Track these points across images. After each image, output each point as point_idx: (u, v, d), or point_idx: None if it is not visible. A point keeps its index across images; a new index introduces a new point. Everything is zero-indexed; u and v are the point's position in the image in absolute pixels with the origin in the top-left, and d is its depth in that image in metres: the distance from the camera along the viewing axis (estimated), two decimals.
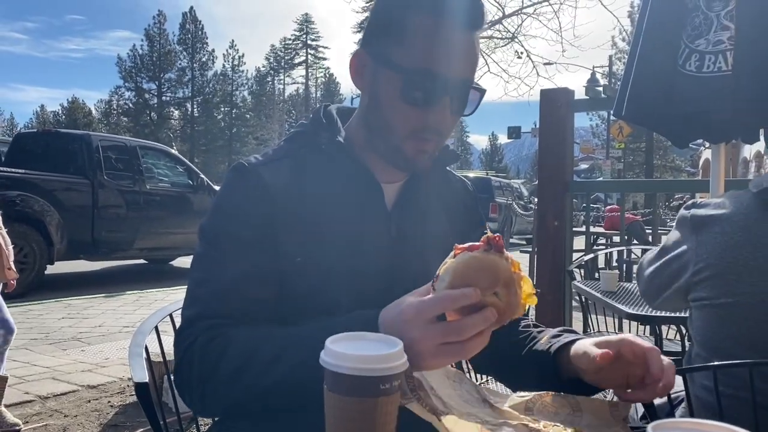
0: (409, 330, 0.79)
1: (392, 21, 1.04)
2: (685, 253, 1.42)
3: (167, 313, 1.55)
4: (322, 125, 1.14)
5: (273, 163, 1.09)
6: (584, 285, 2.85)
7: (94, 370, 4.23)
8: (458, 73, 1.02)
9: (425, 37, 1.00)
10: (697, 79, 2.14)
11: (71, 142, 8.72)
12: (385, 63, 1.04)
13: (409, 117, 1.03)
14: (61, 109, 68.95)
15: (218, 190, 1.12)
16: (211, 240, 1.05)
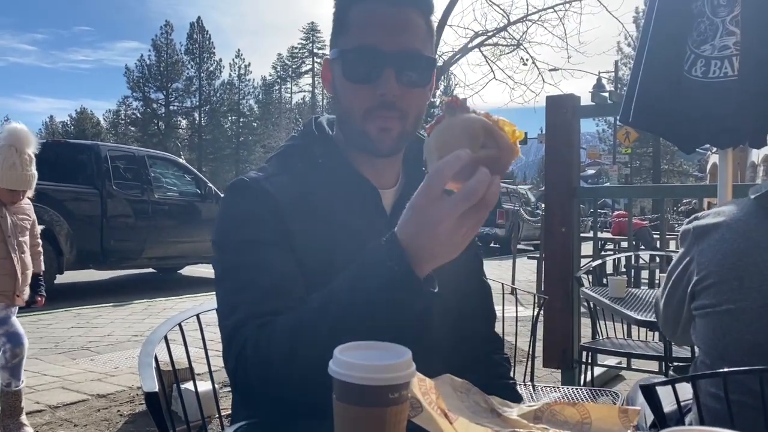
0: (427, 217, 0.80)
1: (339, 19, 1.11)
2: (689, 264, 1.42)
3: (176, 323, 1.56)
4: (314, 138, 1.16)
5: (272, 178, 1.10)
6: (592, 291, 2.84)
7: (103, 379, 4.24)
8: (396, 45, 1.05)
9: (361, 19, 1.07)
10: (703, 84, 2.14)
11: (80, 152, 8.78)
12: (336, 55, 1.10)
13: (359, 95, 1.07)
14: (70, 119, 69.35)
15: (221, 207, 1.12)
16: (232, 250, 1.05)
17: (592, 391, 2.44)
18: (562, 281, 3.68)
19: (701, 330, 1.41)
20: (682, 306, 1.46)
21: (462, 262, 0.87)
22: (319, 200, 1.09)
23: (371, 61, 1.05)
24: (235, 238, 1.06)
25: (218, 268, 1.07)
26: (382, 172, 1.17)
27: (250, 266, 1.02)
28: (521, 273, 9.82)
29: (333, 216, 1.08)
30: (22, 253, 3.35)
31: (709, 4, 2.12)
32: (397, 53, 1.05)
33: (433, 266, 0.86)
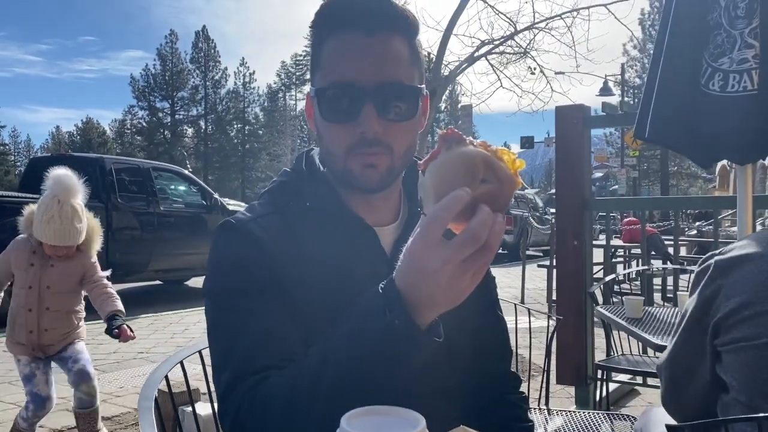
0: (426, 265, 0.73)
1: (314, 54, 1.06)
2: (711, 298, 1.34)
3: (177, 361, 1.50)
4: (303, 176, 1.11)
5: (262, 219, 1.04)
6: (608, 311, 2.76)
7: (108, 400, 4.18)
8: (376, 77, 0.98)
9: (335, 53, 1.01)
10: (721, 99, 2.07)
11: (85, 165, 8.71)
12: (314, 93, 1.04)
13: (338, 134, 1.01)
14: (76, 129, 69.72)
15: (210, 251, 1.06)
16: (222, 300, 1.00)
17: (608, 415, 2.36)
18: (575, 296, 3.59)
19: (734, 365, 1.32)
20: (703, 344, 1.38)
21: (473, 296, 0.80)
22: (310, 242, 1.02)
23: (348, 98, 0.98)
24: (222, 286, 1.01)
25: (208, 319, 1.01)
26: (378, 208, 1.10)
27: (240, 318, 0.96)
28: (531, 281, 9.73)
29: (326, 258, 1.01)
30: (47, 308, 3.16)
31: (726, 16, 2.05)
32: (377, 87, 0.98)
33: (437, 314, 0.79)
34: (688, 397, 1.46)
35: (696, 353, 1.38)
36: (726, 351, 1.32)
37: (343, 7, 1.01)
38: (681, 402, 1.50)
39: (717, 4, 2.07)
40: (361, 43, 0.98)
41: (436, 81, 5.87)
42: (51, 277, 3.14)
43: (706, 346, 1.35)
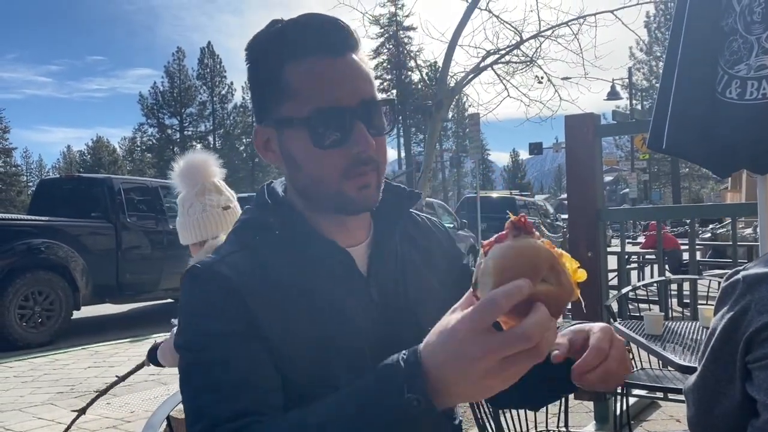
0: (465, 350, 0.66)
1: (273, 82, 1.00)
2: (742, 313, 1.28)
3: (178, 402, 1.44)
4: (268, 208, 1.07)
5: (228, 257, 1.00)
6: (626, 327, 2.66)
7: (119, 426, 4.13)
8: (357, 95, 0.97)
9: (306, 79, 0.97)
10: (739, 107, 1.99)
11: (93, 186, 8.78)
12: (285, 123, 1.00)
13: (333, 160, 0.98)
14: (87, 148, 70.20)
15: (181, 299, 1.02)
16: (194, 347, 0.94)
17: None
18: (590, 310, 3.50)
19: (766, 383, 1.26)
20: (734, 361, 1.32)
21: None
22: (283, 274, 0.98)
23: (340, 121, 0.96)
24: (191, 334, 0.96)
25: (180, 369, 0.96)
26: (351, 229, 1.07)
27: (210, 364, 0.91)
28: None
29: (301, 287, 0.98)
30: None
31: (741, 22, 1.97)
32: (360, 104, 0.97)
33: (451, 404, 0.71)
34: (718, 419, 1.40)
35: (726, 372, 1.32)
36: (759, 367, 1.26)
37: (301, 32, 0.99)
38: (710, 426, 1.43)
39: (732, 9, 2.00)
40: (333, 66, 0.97)
41: (442, 93, 5.82)
42: None
43: (736, 362, 1.30)
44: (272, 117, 1.02)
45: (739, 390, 1.32)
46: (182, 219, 2.49)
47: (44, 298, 7.44)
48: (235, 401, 0.87)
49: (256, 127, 1.06)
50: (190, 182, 2.47)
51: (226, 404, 0.87)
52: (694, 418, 1.48)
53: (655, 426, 3.86)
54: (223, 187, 2.54)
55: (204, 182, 2.48)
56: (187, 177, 2.48)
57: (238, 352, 0.91)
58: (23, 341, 7.13)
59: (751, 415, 1.33)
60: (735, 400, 1.34)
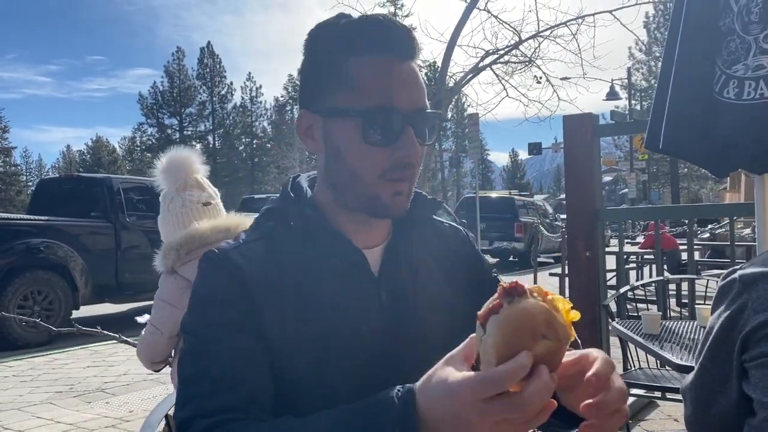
0: (467, 413, 0.69)
1: (334, 71, 1.01)
2: (738, 312, 1.29)
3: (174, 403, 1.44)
4: (290, 200, 1.08)
5: (244, 246, 1.03)
6: (624, 327, 2.67)
7: (117, 425, 4.13)
8: (413, 102, 1.00)
9: (371, 75, 0.98)
10: (736, 107, 2.00)
11: (93, 185, 8.77)
12: (337, 113, 1.00)
13: (376, 159, 0.99)
14: (86, 148, 70.17)
15: (194, 281, 1.05)
16: (194, 333, 0.98)
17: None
18: (589, 310, 3.51)
19: (763, 381, 1.25)
20: (730, 360, 1.32)
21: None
22: (293, 268, 1.01)
23: (393, 123, 0.98)
24: (194, 319, 0.99)
25: (181, 350, 0.99)
26: (373, 230, 1.08)
27: (206, 354, 0.94)
28: None
29: (309, 284, 1.00)
30: None
31: (739, 22, 1.98)
32: (414, 111, 1.00)
33: None
34: (715, 419, 1.41)
35: (723, 371, 1.33)
36: (755, 366, 1.26)
37: (374, 30, 1.00)
38: (707, 425, 1.44)
39: (729, 10, 2.00)
40: (397, 69, 0.99)
41: (440, 92, 5.82)
42: None
43: (733, 361, 1.30)
44: (324, 105, 1.02)
45: (736, 389, 1.33)
46: (162, 215, 2.43)
47: (43, 297, 7.44)
48: (219, 396, 0.89)
49: (301, 112, 1.06)
50: (173, 178, 2.43)
51: (210, 398, 0.90)
52: (692, 416, 1.49)
53: (653, 425, 3.86)
54: (205, 184, 2.52)
55: (186, 178, 2.44)
56: (170, 173, 2.44)
57: (233, 346, 0.93)
58: (22, 341, 7.13)
59: (747, 414, 1.33)
60: (732, 399, 1.35)
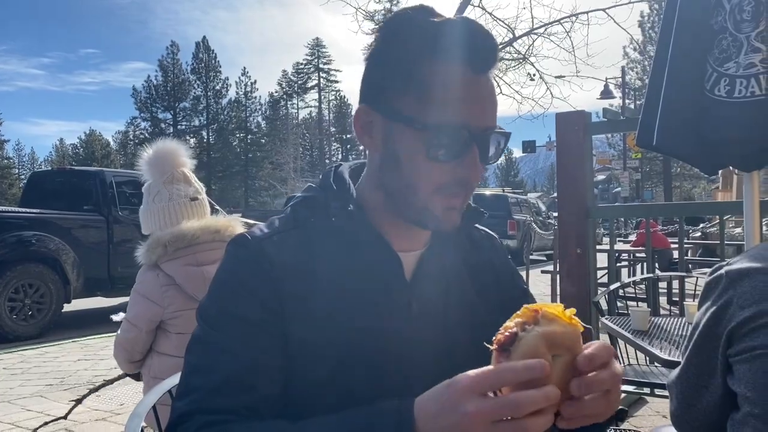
0: (461, 403, 0.70)
1: (404, 71, 0.93)
2: (724, 307, 1.31)
3: (166, 390, 1.45)
4: (332, 192, 1.02)
5: (278, 236, 0.99)
6: (613, 323, 2.68)
7: (108, 418, 4.12)
8: (484, 120, 0.93)
9: (446, 85, 0.91)
10: (727, 104, 2.01)
11: (85, 179, 8.73)
12: (401, 120, 0.93)
13: (436, 174, 0.93)
14: (79, 141, 69.89)
15: (221, 264, 1.00)
16: (211, 321, 0.94)
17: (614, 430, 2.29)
18: (579, 306, 3.52)
19: (748, 375, 1.27)
20: (715, 355, 1.34)
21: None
22: (326, 265, 0.97)
23: (460, 141, 0.92)
24: (216, 306, 0.95)
25: (194, 333, 0.96)
26: (415, 236, 1.04)
27: (220, 347, 0.91)
28: (535, 286, 9.65)
29: (341, 283, 0.96)
30: None
31: (731, 20, 1.99)
32: (484, 131, 0.93)
33: None
34: (699, 412, 1.43)
35: (708, 366, 1.35)
36: (740, 361, 1.28)
37: (457, 35, 0.92)
38: (692, 418, 1.46)
39: (721, 8, 2.01)
40: (472, 82, 0.92)
41: None
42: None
43: (718, 357, 1.32)
44: (389, 106, 0.95)
45: (721, 384, 1.34)
46: (146, 207, 2.40)
47: (35, 290, 7.41)
48: (225, 396, 0.87)
49: (361, 106, 0.99)
50: (159, 170, 2.39)
51: (215, 395, 0.87)
52: (677, 411, 1.51)
53: (642, 422, 3.89)
54: (192, 178, 2.48)
55: (173, 171, 2.40)
56: (156, 165, 2.39)
57: (250, 345, 0.91)
58: (13, 334, 7.11)
59: (731, 409, 1.35)
60: (716, 394, 1.36)
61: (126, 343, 2.35)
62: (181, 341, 2.25)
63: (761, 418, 1.25)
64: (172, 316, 2.31)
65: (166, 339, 2.34)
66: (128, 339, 2.35)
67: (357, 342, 0.93)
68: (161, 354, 2.35)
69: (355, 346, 0.93)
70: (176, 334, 2.31)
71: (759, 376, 1.25)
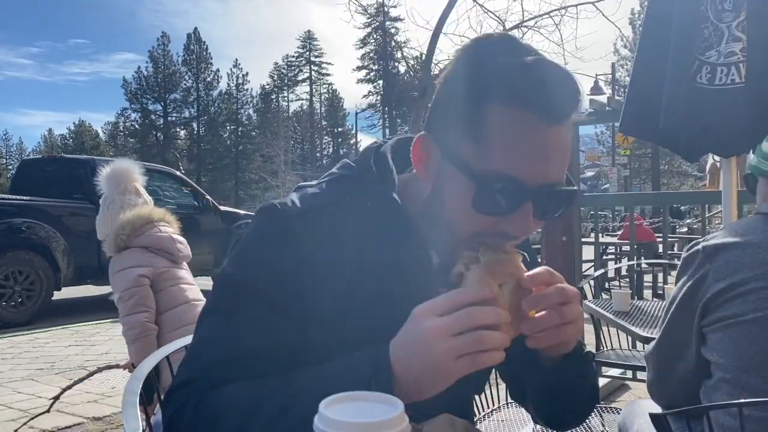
0: (421, 322, 0.77)
1: (468, 109, 0.85)
2: (700, 281, 1.39)
3: (164, 355, 1.49)
4: (371, 174, 0.98)
5: (310, 214, 0.95)
6: (595, 305, 2.76)
7: (100, 400, 4.16)
8: (545, 176, 0.84)
9: (506, 133, 0.82)
10: (708, 92, 2.08)
11: (76, 167, 8.72)
12: (455, 161, 0.86)
13: (479, 223, 0.87)
14: (69, 132, 69.42)
15: (247, 231, 0.98)
16: (230, 292, 0.93)
17: (597, 408, 2.36)
18: None
19: (721, 344, 1.36)
20: (690, 326, 1.42)
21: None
22: (355, 246, 0.94)
23: (511, 197, 0.84)
24: (238, 279, 0.93)
25: (211, 300, 0.95)
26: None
27: (234, 320, 0.91)
28: None
29: (365, 267, 0.93)
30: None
31: (713, 9, 2.06)
32: (541, 186, 0.84)
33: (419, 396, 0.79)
34: (675, 381, 1.50)
35: (683, 336, 1.43)
36: (713, 330, 1.36)
37: (531, 79, 0.81)
38: (667, 387, 1.54)
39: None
40: (540, 135, 0.82)
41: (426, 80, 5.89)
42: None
43: (693, 328, 1.40)
44: (447, 142, 0.88)
45: (695, 353, 1.43)
46: (102, 214, 2.84)
47: (25, 277, 7.41)
48: (226, 371, 0.88)
49: (423, 134, 0.92)
50: (115, 183, 2.84)
51: (222, 368, 0.88)
52: (654, 381, 1.58)
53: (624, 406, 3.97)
54: (142, 191, 2.93)
55: (127, 184, 2.85)
56: (113, 179, 2.85)
57: (262, 324, 0.90)
58: (3, 320, 7.12)
59: (704, 377, 1.43)
60: (690, 363, 1.44)
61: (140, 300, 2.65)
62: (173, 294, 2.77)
63: (732, 382, 1.33)
64: (160, 272, 2.74)
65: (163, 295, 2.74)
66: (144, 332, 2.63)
67: (378, 333, 0.86)
68: (161, 313, 2.71)
69: (375, 337, 0.86)
70: (169, 288, 2.76)
71: (730, 344, 1.34)
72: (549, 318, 0.83)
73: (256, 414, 0.82)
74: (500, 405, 2.23)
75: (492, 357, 0.77)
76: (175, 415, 0.87)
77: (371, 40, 60.63)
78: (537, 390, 1.06)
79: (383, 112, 62.75)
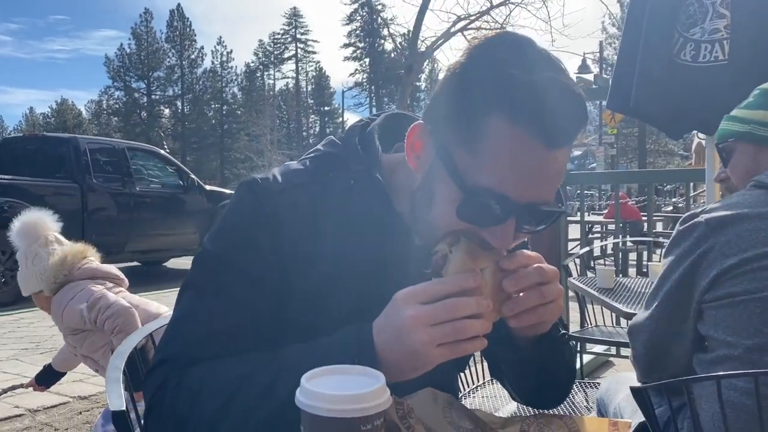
0: (401, 308, 0.77)
1: (467, 116, 0.81)
2: (704, 254, 1.32)
3: (148, 332, 1.49)
4: (355, 153, 0.97)
5: (292, 191, 0.94)
6: (580, 282, 2.78)
7: (85, 380, 4.16)
8: (534, 196, 0.81)
9: (503, 153, 0.79)
10: (692, 68, 2.08)
11: (58, 146, 8.61)
12: (447, 164, 0.83)
13: (460, 226, 0.85)
14: (51, 110, 68.52)
15: (227, 206, 0.97)
16: (208, 268, 0.93)
17: (581, 383, 2.39)
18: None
19: (727, 320, 1.30)
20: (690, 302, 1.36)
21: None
22: (336, 224, 0.93)
23: (498, 211, 0.81)
24: (218, 254, 0.93)
25: (189, 276, 0.94)
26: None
27: (214, 296, 0.90)
28: None
29: (347, 245, 0.92)
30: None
31: None
32: (528, 204, 0.82)
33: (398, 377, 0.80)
34: (669, 358, 1.45)
35: (680, 311, 1.38)
36: (717, 306, 1.32)
37: (539, 98, 0.77)
38: (658, 362, 1.48)
39: None
40: (538, 158, 0.79)
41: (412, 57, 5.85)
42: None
43: (692, 303, 1.35)
44: (444, 143, 0.84)
45: (691, 329, 1.38)
46: (26, 271, 2.68)
47: (8, 257, 7.34)
48: (206, 348, 0.87)
49: (421, 124, 0.89)
50: (32, 237, 2.70)
51: (197, 346, 0.88)
52: (643, 356, 1.51)
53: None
54: (62, 239, 2.82)
55: (45, 234, 2.72)
56: (27, 233, 2.71)
57: (242, 301, 0.90)
58: None
59: (698, 351, 1.39)
60: (687, 338, 1.39)
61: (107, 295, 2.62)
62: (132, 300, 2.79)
63: (740, 358, 1.28)
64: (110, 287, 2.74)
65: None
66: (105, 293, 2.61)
67: (362, 307, 0.88)
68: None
69: (359, 311, 0.87)
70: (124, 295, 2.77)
71: (740, 321, 1.28)
72: (529, 298, 0.84)
73: (241, 392, 0.82)
74: (485, 381, 2.25)
75: (473, 344, 0.78)
76: (155, 396, 0.87)
77: (357, 16, 60.10)
78: (512, 369, 1.06)
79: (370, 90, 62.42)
